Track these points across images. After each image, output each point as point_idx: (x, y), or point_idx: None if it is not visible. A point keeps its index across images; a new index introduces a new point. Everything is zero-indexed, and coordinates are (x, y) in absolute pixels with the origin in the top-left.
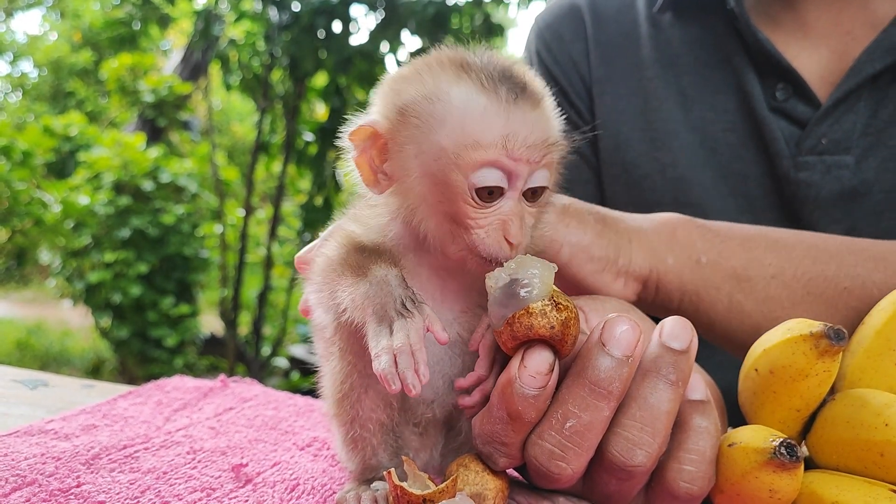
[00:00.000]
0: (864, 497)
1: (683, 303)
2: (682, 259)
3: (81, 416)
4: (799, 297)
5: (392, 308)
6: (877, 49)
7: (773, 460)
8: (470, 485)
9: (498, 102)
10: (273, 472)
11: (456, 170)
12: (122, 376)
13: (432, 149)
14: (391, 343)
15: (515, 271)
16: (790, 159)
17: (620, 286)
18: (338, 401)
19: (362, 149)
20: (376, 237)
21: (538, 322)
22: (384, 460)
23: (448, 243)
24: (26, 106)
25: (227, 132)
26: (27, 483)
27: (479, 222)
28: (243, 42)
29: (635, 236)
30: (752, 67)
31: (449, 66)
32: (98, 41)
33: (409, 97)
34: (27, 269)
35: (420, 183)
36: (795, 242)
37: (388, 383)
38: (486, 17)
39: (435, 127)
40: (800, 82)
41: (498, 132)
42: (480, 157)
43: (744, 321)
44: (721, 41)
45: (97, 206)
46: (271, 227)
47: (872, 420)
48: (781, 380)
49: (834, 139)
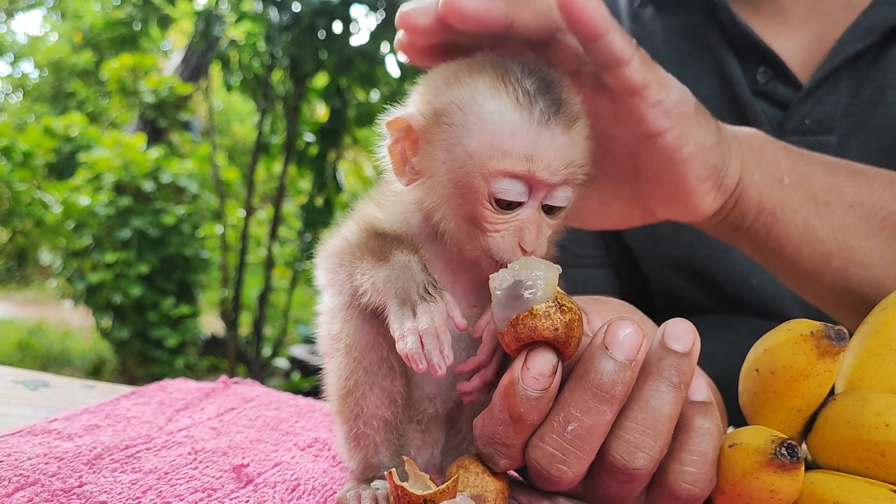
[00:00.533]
0: (864, 497)
1: (757, 222)
2: (767, 176)
3: (84, 415)
4: (875, 230)
5: (415, 292)
6: (857, 29)
7: (773, 461)
8: (470, 487)
9: (530, 122)
10: (274, 472)
11: (479, 177)
12: (122, 377)
13: (460, 154)
14: (416, 325)
15: (519, 272)
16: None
17: (712, 198)
18: (342, 397)
19: (396, 138)
20: (397, 225)
21: (542, 324)
22: (385, 459)
23: (465, 243)
24: (27, 107)
25: (228, 133)
26: (30, 483)
27: (496, 227)
28: (244, 43)
29: (735, 146)
30: (732, 53)
31: (489, 73)
32: (99, 42)
33: (446, 101)
34: (28, 270)
35: (445, 184)
36: (875, 176)
37: (414, 363)
38: None
39: (465, 135)
40: (780, 65)
41: (524, 150)
42: (504, 167)
43: (815, 248)
44: (701, 30)
45: (98, 206)
46: (272, 228)
47: (873, 420)
48: (782, 380)
49: (816, 119)
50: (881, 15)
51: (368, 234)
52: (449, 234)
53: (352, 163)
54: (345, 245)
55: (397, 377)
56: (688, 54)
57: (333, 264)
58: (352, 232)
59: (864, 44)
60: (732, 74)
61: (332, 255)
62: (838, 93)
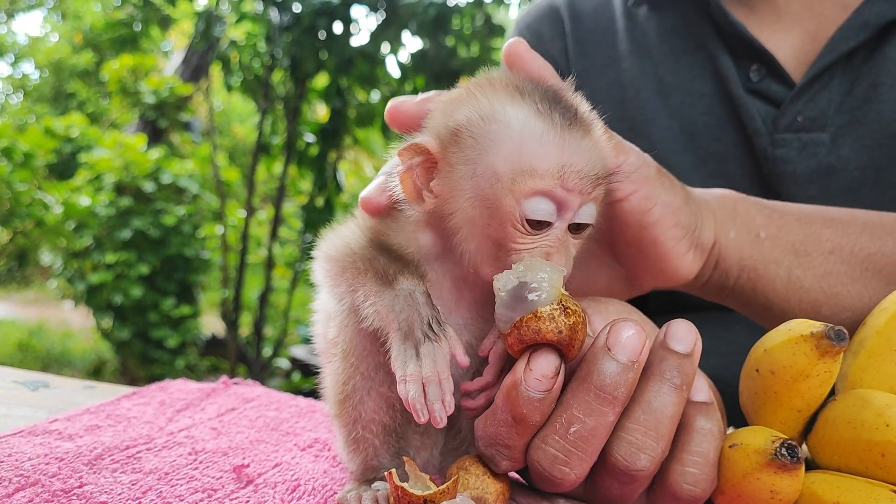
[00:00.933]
0: (864, 498)
1: (741, 279)
2: (743, 233)
3: (85, 416)
4: (857, 273)
5: (419, 328)
6: (850, 27)
7: (773, 461)
8: (470, 488)
9: (553, 129)
10: (274, 472)
11: (510, 195)
12: (123, 377)
13: (487, 171)
14: (419, 371)
15: (524, 274)
16: (767, 136)
17: (691, 258)
18: (340, 402)
19: (409, 166)
20: (405, 242)
21: (546, 326)
22: (385, 461)
23: (486, 264)
24: (27, 107)
25: (228, 133)
26: (30, 483)
27: (524, 247)
28: (244, 43)
29: (706, 207)
30: (726, 51)
31: (502, 88)
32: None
33: (464, 117)
34: (28, 271)
35: (470, 204)
36: (850, 219)
37: (417, 414)
38: (488, 17)
39: (490, 148)
40: (773, 63)
41: (555, 161)
42: (536, 186)
43: (803, 298)
44: (695, 28)
45: (98, 207)
46: (272, 228)
47: (873, 420)
48: (783, 380)
49: (810, 116)
50: (874, 12)
51: (374, 248)
52: (469, 255)
53: (352, 163)
54: (348, 252)
55: (395, 384)
56: (681, 52)
57: (335, 272)
58: (356, 239)
59: (856, 41)
60: (726, 72)
61: (334, 260)
62: (831, 90)
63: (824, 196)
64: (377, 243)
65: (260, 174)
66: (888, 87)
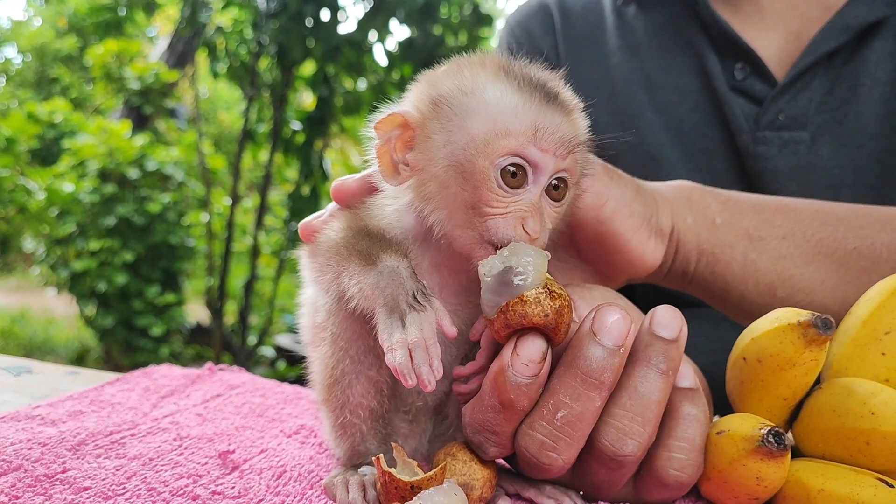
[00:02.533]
0: (850, 485)
1: (700, 264)
2: (699, 219)
3: (68, 402)
4: (810, 257)
5: (404, 300)
6: (832, 28)
7: (760, 448)
8: (457, 475)
9: (531, 102)
10: (260, 458)
11: (484, 157)
12: (107, 365)
13: (462, 138)
14: (405, 337)
15: (508, 259)
16: (749, 134)
17: (653, 245)
18: (328, 386)
19: (386, 139)
20: (387, 225)
21: (532, 310)
22: (373, 447)
23: (459, 233)
24: (10, 92)
25: (214, 120)
26: (13, 468)
27: (498, 210)
28: (230, 30)
29: (659, 197)
30: (712, 49)
31: (490, 66)
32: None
33: (446, 89)
34: (11, 257)
35: (445, 171)
36: (803, 207)
37: (404, 378)
38: (475, 6)
39: (467, 117)
40: (757, 61)
41: (528, 123)
42: (509, 145)
43: (759, 281)
44: (682, 26)
45: (82, 193)
46: (258, 216)
47: (858, 409)
48: (769, 368)
49: (790, 115)
50: (855, 14)
51: (356, 233)
52: (440, 228)
53: (339, 151)
54: (331, 243)
55: (383, 367)
56: (669, 49)
57: (319, 263)
58: (337, 229)
59: (837, 42)
60: (712, 70)
61: (318, 253)
62: (812, 90)
63: (805, 194)
64: (360, 230)
65: (246, 162)
66: (867, 88)
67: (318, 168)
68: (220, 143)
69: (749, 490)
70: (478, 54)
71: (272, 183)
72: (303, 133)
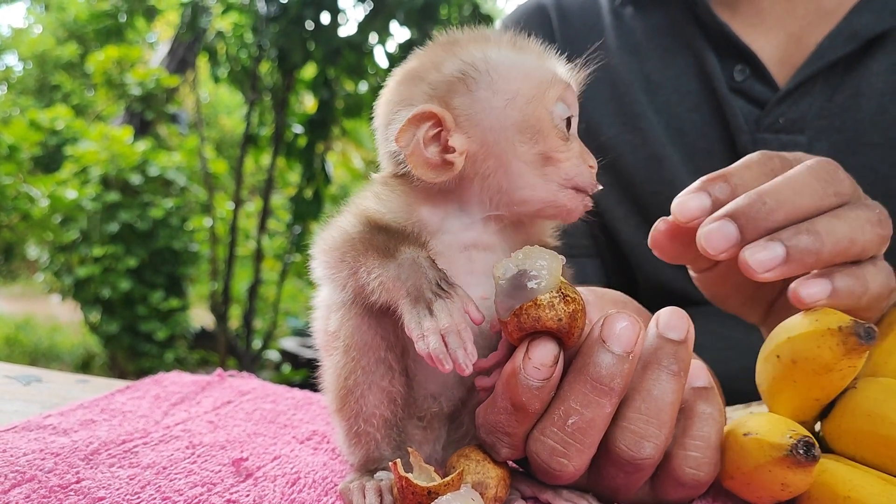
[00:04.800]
0: (877, 497)
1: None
2: None
3: (79, 410)
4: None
5: (428, 289)
6: (838, 36)
7: (788, 457)
8: (471, 474)
9: (539, 57)
10: (273, 465)
11: (541, 107)
12: (112, 371)
13: (517, 100)
14: (436, 324)
15: (523, 262)
16: (749, 135)
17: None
18: (340, 397)
19: (414, 144)
20: (401, 218)
21: (546, 314)
22: (387, 453)
23: (532, 191)
24: (11, 100)
25: (216, 125)
26: (26, 479)
27: (566, 155)
28: (231, 34)
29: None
30: (711, 50)
31: (499, 41)
32: (84, 34)
33: (460, 64)
34: (15, 265)
35: (505, 137)
36: None
37: (440, 363)
38: (475, 7)
39: (513, 83)
40: (757, 63)
41: (555, 72)
42: (557, 93)
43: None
44: (681, 27)
45: (85, 200)
46: (261, 220)
47: (894, 416)
48: (804, 371)
49: (791, 119)
50: (863, 23)
51: (371, 228)
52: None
53: (340, 154)
54: (346, 238)
55: (396, 377)
56: (668, 50)
57: (334, 259)
58: (352, 225)
59: (844, 50)
60: (711, 71)
61: (333, 249)
62: (813, 95)
63: None
64: (374, 225)
65: (248, 166)
66: (867, 98)
67: (320, 171)
68: (222, 147)
69: (772, 493)
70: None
71: (274, 186)
72: (304, 136)
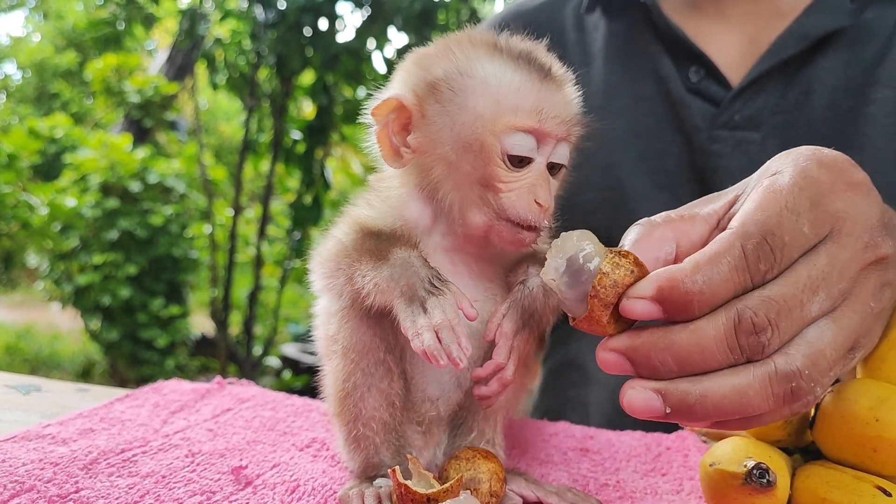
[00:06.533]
0: (849, 495)
1: None
2: None
3: (78, 420)
4: None
5: (421, 287)
6: (790, 36)
7: (746, 486)
8: (462, 472)
9: (531, 79)
10: (273, 473)
11: (492, 135)
12: (112, 379)
13: (468, 117)
14: (429, 321)
15: (563, 251)
16: (705, 133)
17: None
18: (340, 399)
19: (384, 123)
20: (391, 221)
21: (620, 275)
22: (386, 459)
23: (474, 213)
24: (10, 108)
25: (215, 132)
26: (25, 489)
27: (509, 186)
28: (229, 41)
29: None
30: (667, 54)
31: (480, 44)
32: (82, 42)
33: (442, 72)
34: (15, 273)
35: (452, 151)
36: None
37: (434, 359)
38: (473, 12)
39: (471, 97)
40: (711, 65)
41: (532, 103)
42: (517, 123)
43: None
44: (638, 34)
45: (84, 208)
46: (260, 227)
47: (865, 415)
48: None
49: (746, 116)
50: (814, 23)
51: (363, 234)
52: (454, 209)
53: (340, 160)
54: (340, 248)
55: (395, 379)
56: (625, 57)
57: (330, 269)
58: (345, 234)
59: (795, 49)
60: (666, 75)
61: (328, 260)
62: (767, 92)
63: None
64: (366, 229)
65: (247, 172)
66: (818, 95)
67: (319, 177)
68: (221, 154)
69: None
70: (464, 32)
71: (274, 193)
72: (303, 142)
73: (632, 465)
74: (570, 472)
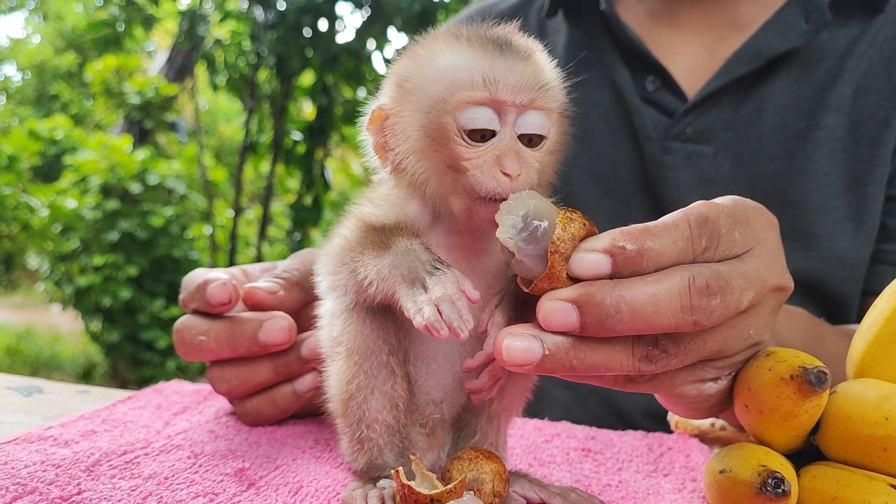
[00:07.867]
0: (862, 493)
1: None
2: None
3: (80, 421)
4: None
5: (422, 270)
6: (745, 54)
7: (759, 495)
8: (465, 472)
9: (484, 53)
10: (276, 474)
11: (446, 115)
12: (113, 380)
13: (425, 104)
14: (430, 296)
15: (517, 209)
16: (658, 143)
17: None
18: (343, 401)
19: (378, 134)
20: (394, 217)
21: (576, 227)
22: (390, 460)
23: (453, 200)
24: (10, 110)
25: (215, 133)
26: (28, 492)
27: (473, 162)
28: (229, 42)
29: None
30: (623, 62)
31: (441, 36)
32: (82, 43)
33: (405, 68)
34: (15, 274)
35: (418, 141)
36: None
37: (435, 331)
38: None
39: (426, 86)
40: (667, 76)
41: (484, 74)
42: (467, 97)
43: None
44: (596, 41)
45: (85, 209)
46: (261, 228)
47: (872, 414)
48: (772, 419)
49: (698, 129)
50: (768, 42)
51: (366, 229)
52: (439, 199)
53: (340, 160)
54: (344, 244)
55: (398, 381)
56: (581, 64)
57: (335, 265)
58: (350, 230)
59: (749, 68)
60: (622, 83)
61: (332, 256)
62: (721, 107)
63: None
64: (370, 225)
65: (247, 173)
66: (769, 113)
67: (319, 178)
68: (221, 155)
69: None
70: (434, 30)
71: (274, 194)
72: (303, 143)
73: (634, 466)
74: (573, 472)
